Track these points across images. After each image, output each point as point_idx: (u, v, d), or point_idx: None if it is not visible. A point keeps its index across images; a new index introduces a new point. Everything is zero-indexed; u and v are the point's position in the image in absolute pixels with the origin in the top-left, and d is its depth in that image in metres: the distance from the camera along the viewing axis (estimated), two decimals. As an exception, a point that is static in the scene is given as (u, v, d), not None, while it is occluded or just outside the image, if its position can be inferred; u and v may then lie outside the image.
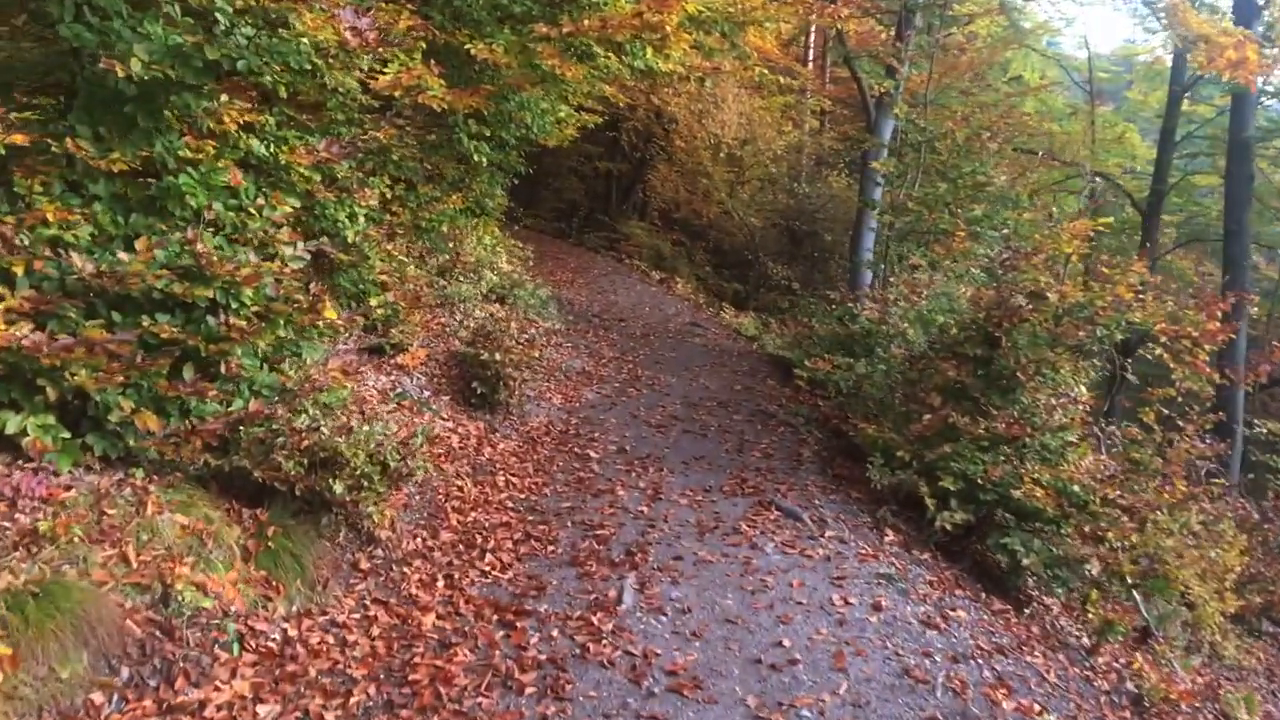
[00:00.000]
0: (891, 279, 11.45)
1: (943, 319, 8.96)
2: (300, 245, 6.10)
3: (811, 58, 28.28)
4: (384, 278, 8.00)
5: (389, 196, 8.70)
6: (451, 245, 10.27)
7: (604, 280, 17.30)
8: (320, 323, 5.72)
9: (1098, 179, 21.00)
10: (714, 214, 25.25)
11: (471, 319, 9.29)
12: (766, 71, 9.26)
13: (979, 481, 7.13)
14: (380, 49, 6.12)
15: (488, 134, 9.15)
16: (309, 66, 5.65)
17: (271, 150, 6.29)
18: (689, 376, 10.97)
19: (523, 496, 6.90)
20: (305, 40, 5.47)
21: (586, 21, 8.07)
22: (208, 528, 4.66)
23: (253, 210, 5.97)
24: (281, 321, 5.54)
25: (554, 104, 12.47)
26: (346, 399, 6.07)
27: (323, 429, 5.09)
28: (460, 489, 6.72)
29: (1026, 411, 7.51)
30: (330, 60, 5.85)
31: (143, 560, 4.25)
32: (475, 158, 8.78)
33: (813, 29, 27.93)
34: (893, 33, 19.84)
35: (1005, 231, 9.18)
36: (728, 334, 13.81)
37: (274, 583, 4.66)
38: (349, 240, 7.44)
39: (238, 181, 5.91)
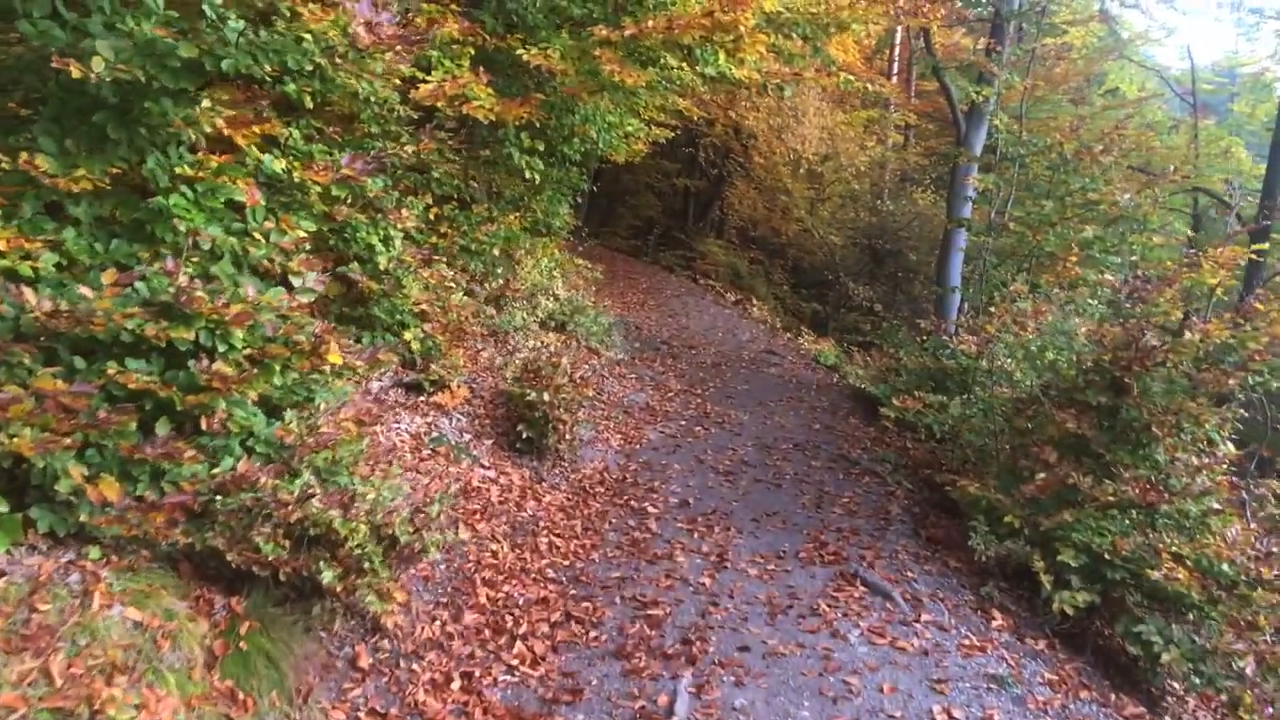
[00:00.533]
0: (990, 308, 10.19)
1: (1053, 355, 7.74)
2: (314, 276, 5.23)
3: (896, 71, 26.96)
4: (424, 307, 7.11)
5: (433, 217, 7.85)
6: (503, 270, 9.36)
7: (676, 302, 16.30)
8: (326, 367, 4.81)
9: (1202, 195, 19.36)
10: (793, 232, 24.26)
11: (523, 351, 8.35)
12: (851, 78, 8.10)
13: (1105, 556, 5.93)
14: (403, 49, 5.16)
15: (542, 148, 8.21)
16: (311, 67, 4.73)
17: (285, 166, 5.42)
18: (763, 413, 9.87)
19: (566, 564, 5.92)
20: (308, 36, 4.56)
21: (651, 22, 7.10)
22: (166, 625, 3.77)
23: (258, 235, 5.10)
24: (277, 367, 4.65)
25: (622, 117, 11.57)
26: (361, 453, 5.15)
27: (315, 499, 4.16)
28: (494, 554, 5.76)
29: (1161, 472, 6.27)
30: (339, 61, 4.93)
31: (72, 674, 3.38)
32: (528, 174, 7.85)
33: (898, 41, 26.64)
34: (981, 44, 18.57)
35: (1133, 258, 7.89)
36: (806, 363, 12.67)
37: (241, 696, 3.74)
38: (381, 267, 6.57)
39: (255, 201, 5.08)
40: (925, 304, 21.10)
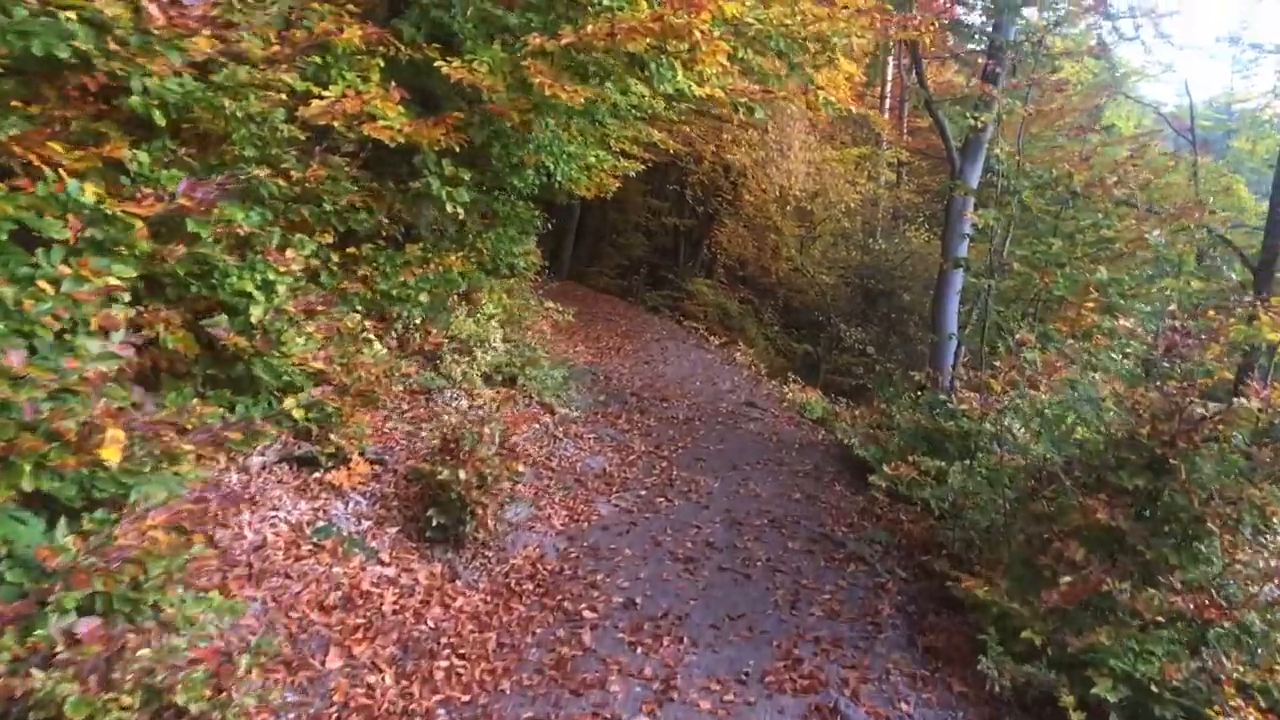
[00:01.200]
0: (993, 359, 8.87)
1: (1072, 419, 6.40)
2: (120, 335, 3.91)
3: (888, 107, 25.87)
4: (318, 365, 5.77)
5: (338, 258, 6.55)
6: (443, 319, 8.05)
7: (655, 346, 14.98)
8: (104, 460, 3.48)
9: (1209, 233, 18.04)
10: (783, 271, 23.16)
11: (453, 414, 7.01)
12: (832, 100, 6.83)
13: (1152, 688, 4.56)
14: (287, 57, 3.88)
15: (469, 177, 6.93)
16: (67, 53, 3.44)
17: (95, 195, 4.11)
18: (737, 479, 8.51)
19: (466, 699, 4.54)
20: (70, 15, 3.27)
21: (591, 27, 5.83)
22: None
23: (45, 285, 3.79)
24: (27, 467, 3.32)
25: (587, 147, 10.33)
26: (183, 567, 3.80)
27: (53, 665, 2.82)
28: (371, 689, 4.38)
29: (1218, 577, 4.92)
30: (118, 48, 3.63)
31: None
32: (450, 207, 6.55)
33: (890, 78, 25.58)
34: (974, 83, 17.45)
35: (1171, 307, 6.54)
36: (790, 416, 11.31)
37: None
38: (254, 319, 5.25)
39: (75, 237, 3.82)
40: (920, 345, 19.81)
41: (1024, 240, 10.21)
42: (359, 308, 6.84)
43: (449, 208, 6.50)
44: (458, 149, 6.36)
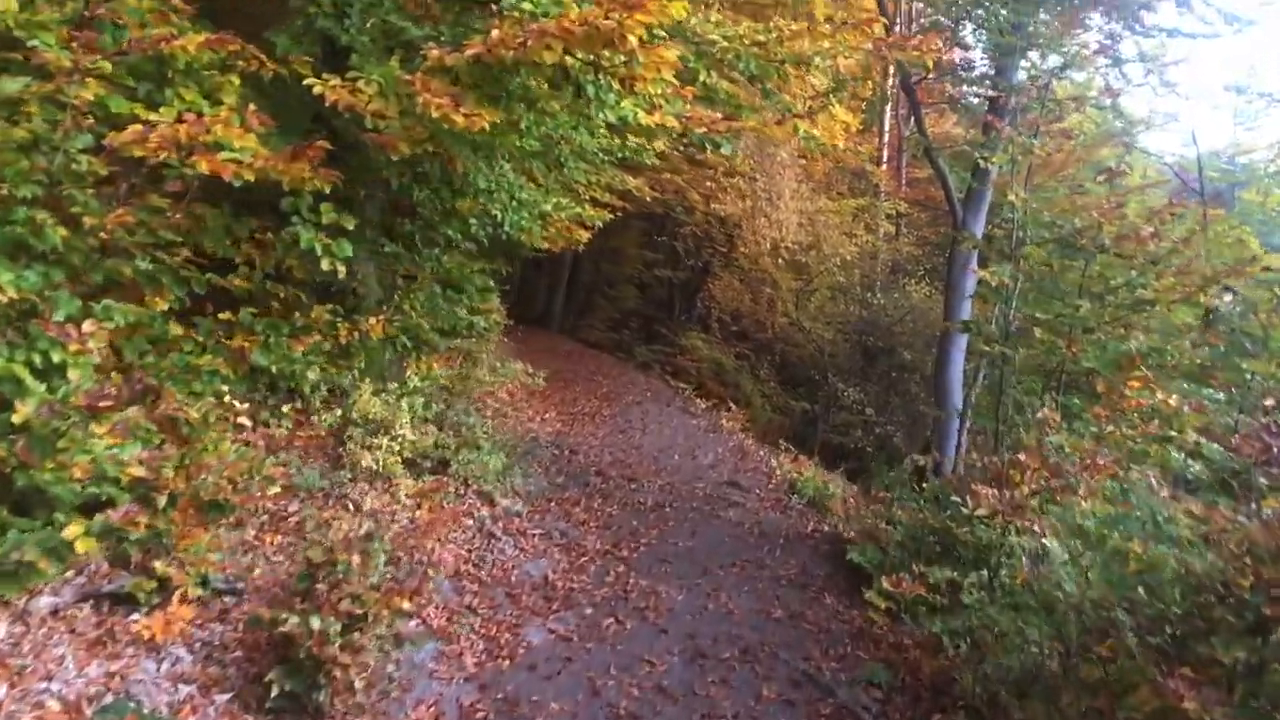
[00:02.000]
0: (1006, 440, 7.32)
1: (1123, 544, 4.82)
2: None
3: (886, 158, 24.54)
4: (135, 470, 4.25)
5: (178, 329, 5.06)
6: (353, 398, 6.53)
7: (635, 411, 13.42)
8: None
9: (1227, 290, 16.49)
10: (780, 325, 21.70)
11: (345, 520, 5.46)
12: (814, 134, 5.37)
13: None
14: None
15: (354, 226, 5.42)
16: None
17: None
18: (706, 589, 6.90)
19: None
20: None
21: (497, 33, 4.37)
22: None
23: None
24: None
25: (547, 194, 8.89)
26: None
27: None
28: None
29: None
30: None
31: None
32: (326, 263, 5.04)
33: (887, 127, 24.28)
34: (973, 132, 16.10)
35: (1268, 400, 4.94)
36: (777, 498, 9.69)
37: None
38: (19, 418, 3.74)
39: None
40: (922, 405, 18.23)
41: (1039, 300, 8.68)
42: (225, 387, 5.32)
43: (325, 264, 5.00)
44: (328, 189, 4.86)
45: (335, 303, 7.41)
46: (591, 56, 4.63)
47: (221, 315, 5.53)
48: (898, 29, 17.38)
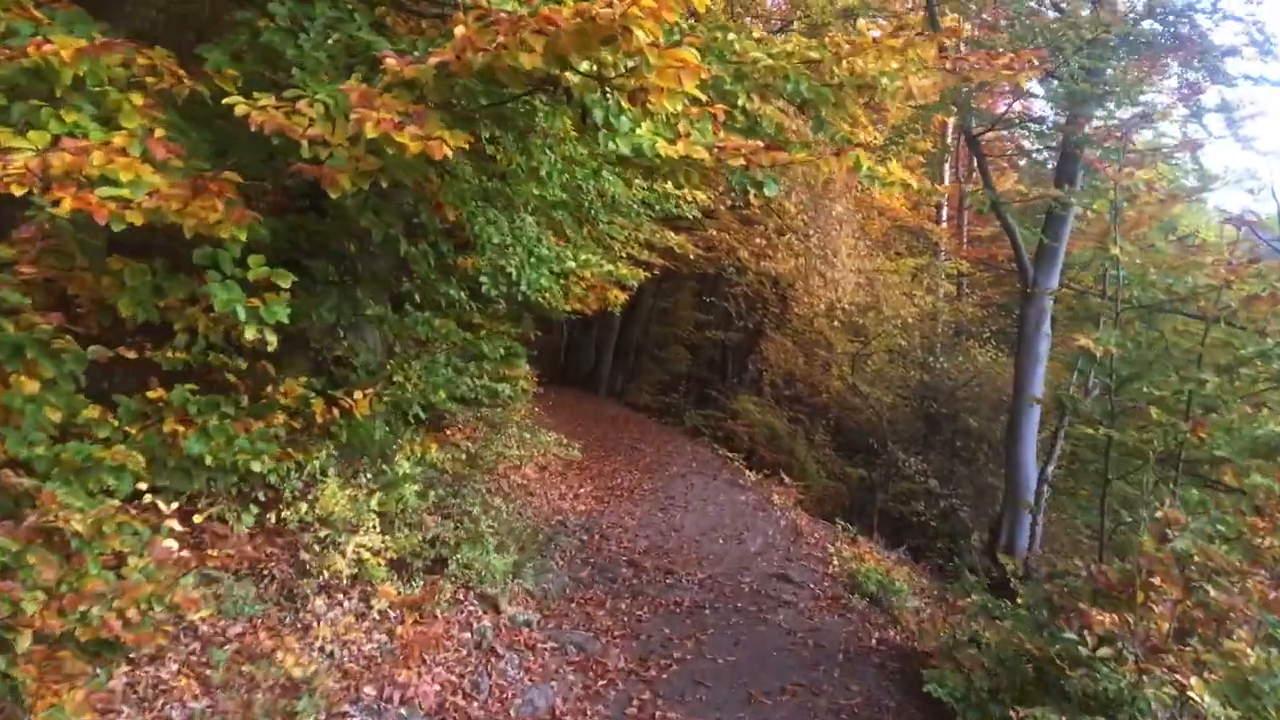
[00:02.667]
0: (1120, 543, 5.88)
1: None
2: None
3: (945, 216, 23.14)
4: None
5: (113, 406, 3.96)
6: (324, 493, 5.34)
7: (679, 485, 12.08)
8: None
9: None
10: (835, 389, 20.33)
11: (279, 659, 4.25)
12: (880, 172, 4.09)
13: None
14: None
15: (287, 284, 4.24)
16: None
17: None
18: (749, 724, 5.49)
19: None
20: None
21: (463, 29, 3.25)
22: None
23: None
24: None
25: (575, 248, 7.78)
26: None
27: None
28: None
29: None
30: None
31: None
32: (251, 332, 3.89)
33: (946, 181, 22.93)
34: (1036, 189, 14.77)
35: None
36: (834, 596, 8.21)
37: None
38: None
39: None
40: (990, 478, 16.62)
41: (1141, 373, 7.23)
42: (142, 485, 4.18)
43: (249, 331, 3.86)
44: (241, 238, 3.72)
45: (325, 375, 6.34)
46: (593, 67, 3.47)
47: (152, 394, 4.43)
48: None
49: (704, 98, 3.78)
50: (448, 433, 8.42)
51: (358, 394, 5.78)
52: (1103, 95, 12.59)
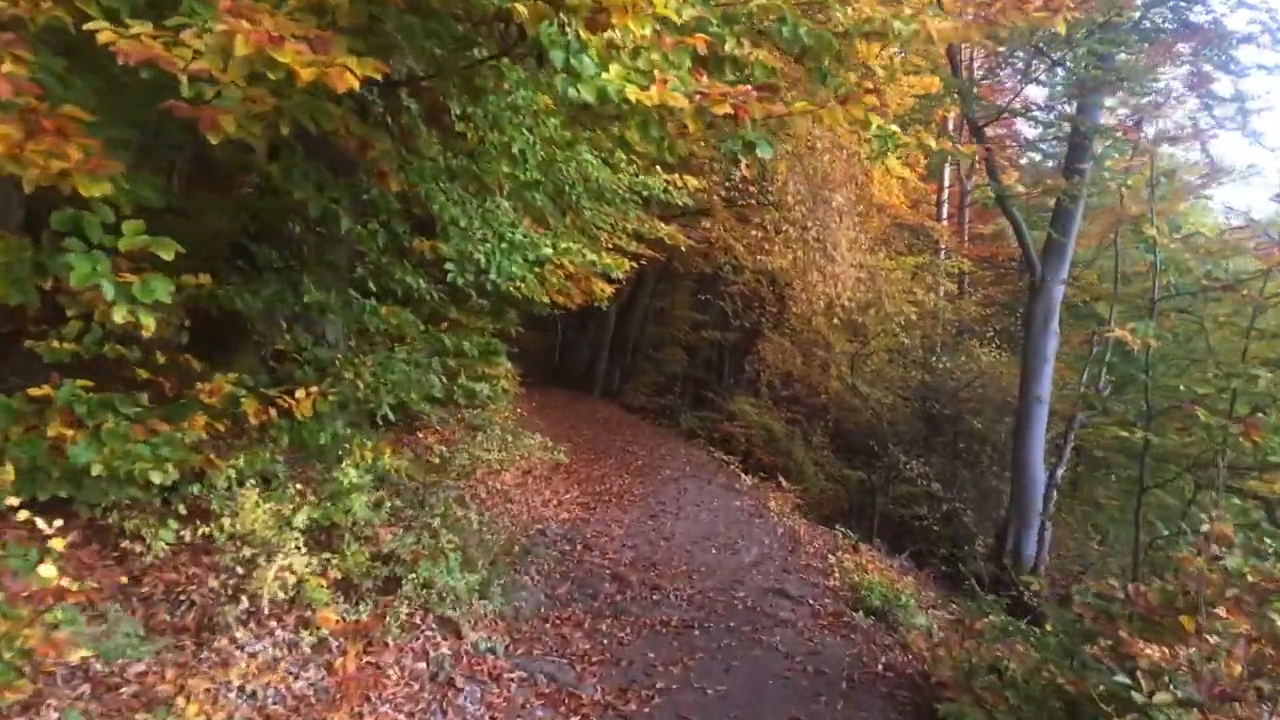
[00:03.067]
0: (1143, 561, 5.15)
1: None
2: None
3: (946, 214, 22.42)
4: None
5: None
6: (239, 511, 4.59)
7: (671, 490, 11.35)
8: None
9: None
10: (834, 389, 19.66)
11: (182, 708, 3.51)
12: (880, 122, 3.33)
13: None
14: None
15: (170, 255, 3.49)
16: None
17: None
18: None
19: None
20: None
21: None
22: None
23: None
24: None
25: (555, 235, 7.05)
26: None
27: None
28: None
29: None
30: None
31: None
32: (120, 314, 3.16)
33: (947, 183, 22.22)
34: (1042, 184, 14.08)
35: None
36: (836, 612, 7.47)
37: None
38: None
39: None
40: (994, 481, 15.93)
41: (1174, 368, 6.50)
42: (15, 500, 3.45)
43: (119, 314, 3.14)
44: (96, 193, 2.98)
45: (267, 372, 5.62)
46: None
47: (35, 391, 3.70)
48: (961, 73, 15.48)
49: (678, 19, 3.05)
50: (420, 436, 7.71)
51: (299, 393, 5.06)
52: (1113, 82, 11.93)
